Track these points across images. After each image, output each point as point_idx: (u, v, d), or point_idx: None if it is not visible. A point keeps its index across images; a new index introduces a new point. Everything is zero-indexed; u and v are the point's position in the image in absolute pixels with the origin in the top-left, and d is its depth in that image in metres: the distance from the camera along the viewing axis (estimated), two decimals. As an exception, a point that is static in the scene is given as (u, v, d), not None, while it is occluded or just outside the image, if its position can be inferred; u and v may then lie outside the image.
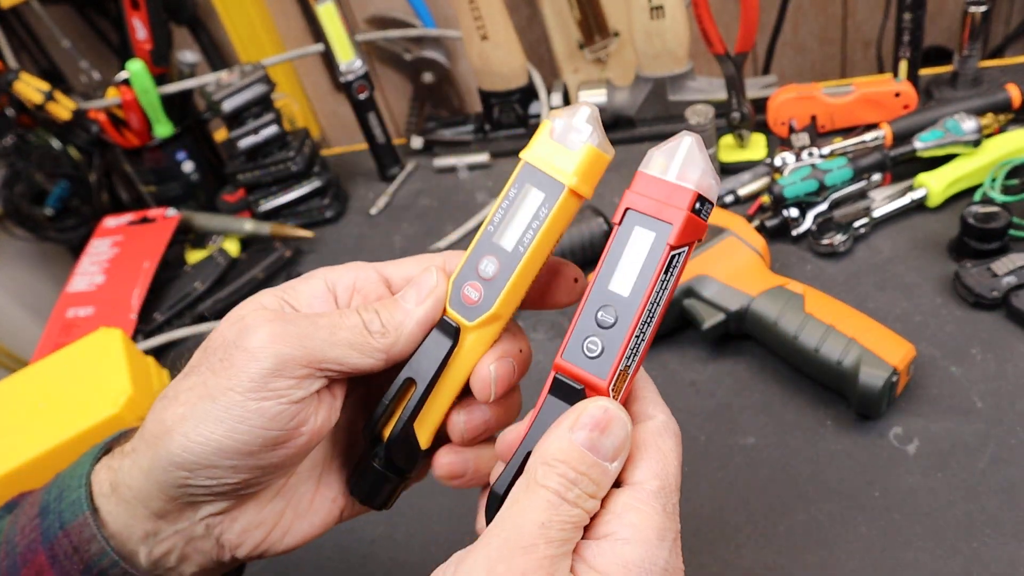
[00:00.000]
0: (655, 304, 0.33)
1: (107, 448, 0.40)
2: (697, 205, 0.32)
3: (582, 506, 0.31)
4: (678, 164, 0.33)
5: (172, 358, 0.87)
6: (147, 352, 0.84)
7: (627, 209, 0.33)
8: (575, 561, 0.31)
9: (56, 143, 1.06)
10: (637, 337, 0.33)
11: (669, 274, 0.33)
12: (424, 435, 0.39)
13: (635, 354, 0.33)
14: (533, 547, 0.29)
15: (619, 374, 0.33)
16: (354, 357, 0.36)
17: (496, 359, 0.37)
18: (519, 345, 0.38)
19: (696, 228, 0.33)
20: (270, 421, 0.34)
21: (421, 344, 0.38)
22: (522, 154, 0.36)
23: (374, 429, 0.38)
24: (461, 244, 0.92)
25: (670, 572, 0.31)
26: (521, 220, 0.36)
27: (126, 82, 1.02)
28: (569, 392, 0.34)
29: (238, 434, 0.34)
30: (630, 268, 0.33)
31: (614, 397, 0.33)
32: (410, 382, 0.38)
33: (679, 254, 0.33)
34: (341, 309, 0.37)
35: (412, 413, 0.38)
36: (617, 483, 0.33)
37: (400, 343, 0.37)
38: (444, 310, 0.38)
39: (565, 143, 0.35)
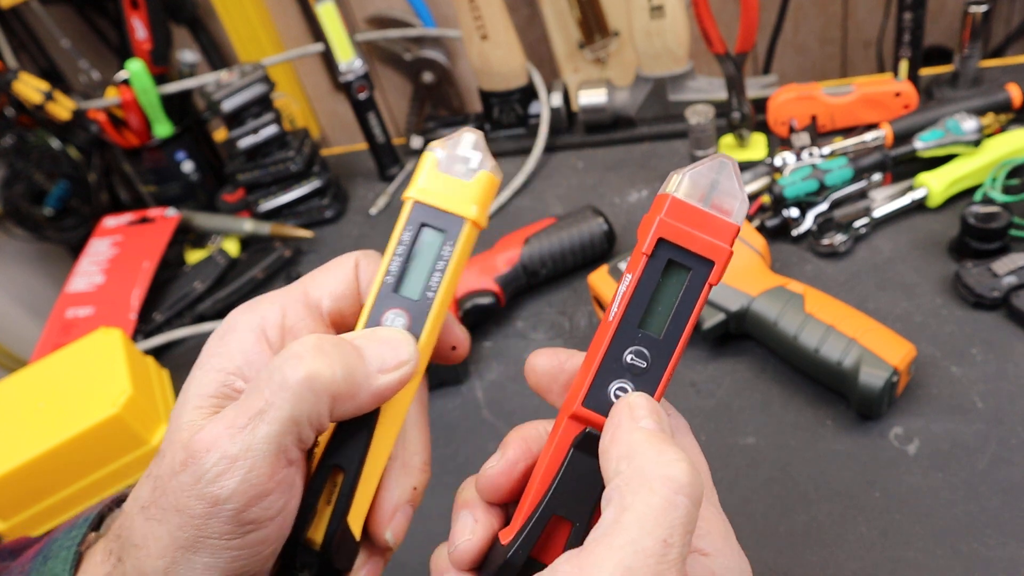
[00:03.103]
0: (683, 349, 0.31)
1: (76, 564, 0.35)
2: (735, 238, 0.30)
3: (692, 504, 0.27)
4: (717, 192, 0.30)
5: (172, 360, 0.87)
6: (147, 352, 0.84)
7: (660, 239, 0.30)
8: None
9: (56, 143, 1.06)
10: (670, 379, 0.31)
11: (700, 312, 0.31)
12: (358, 527, 0.34)
13: (664, 393, 0.31)
14: None
15: None
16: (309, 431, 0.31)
17: (390, 515, 0.35)
18: (411, 482, 0.35)
19: (730, 259, 0.30)
20: (264, 543, 0.31)
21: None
22: (408, 193, 0.33)
23: (297, 537, 0.33)
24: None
25: (745, 571, 0.31)
26: (423, 265, 0.33)
27: (126, 82, 1.02)
28: (592, 446, 0.30)
29: (236, 566, 0.31)
30: (663, 307, 0.30)
31: None
32: (336, 470, 0.33)
33: (712, 291, 0.31)
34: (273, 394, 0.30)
35: (347, 504, 0.33)
36: None
37: (351, 408, 0.32)
38: None
39: (454, 174, 0.33)
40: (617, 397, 0.31)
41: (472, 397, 0.72)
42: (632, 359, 0.31)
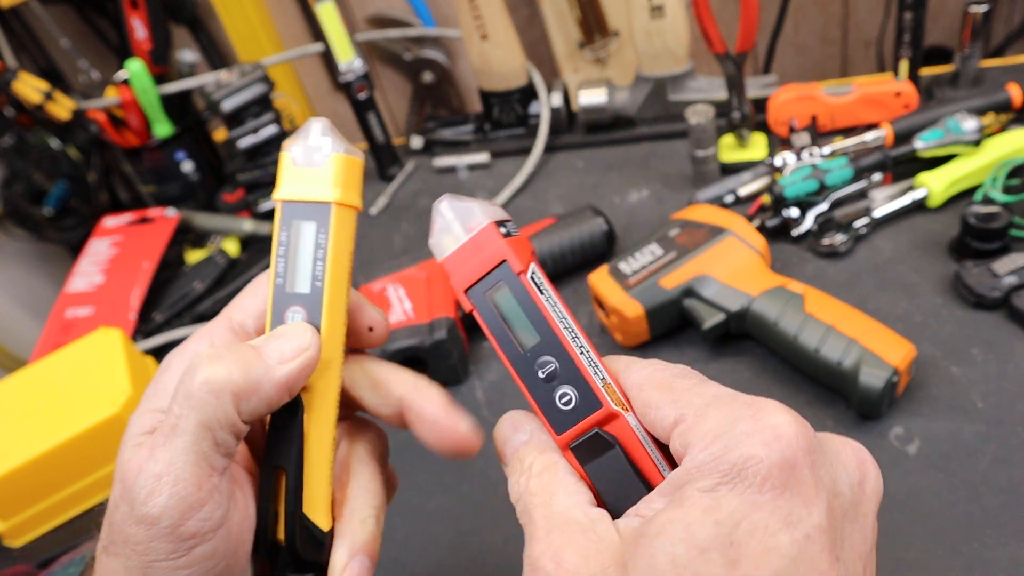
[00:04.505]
0: (566, 323, 0.32)
1: None
2: (502, 230, 0.33)
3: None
4: (458, 226, 0.33)
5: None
6: (147, 352, 0.84)
7: (466, 291, 0.33)
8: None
9: (55, 143, 1.06)
10: (584, 355, 0.32)
11: (544, 292, 0.33)
12: (321, 517, 0.35)
13: (595, 364, 0.33)
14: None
15: (606, 388, 0.32)
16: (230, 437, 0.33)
17: (344, 565, 0.35)
18: (370, 537, 0.37)
19: (520, 244, 0.33)
20: (212, 558, 0.32)
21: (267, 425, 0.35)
22: (274, 196, 0.35)
23: (268, 540, 0.35)
24: (461, 244, 0.92)
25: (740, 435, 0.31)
26: (305, 258, 0.34)
27: (125, 82, 1.02)
28: (597, 445, 0.32)
29: None
30: (521, 323, 0.33)
31: (626, 405, 0.32)
32: (279, 470, 0.35)
33: (533, 272, 0.33)
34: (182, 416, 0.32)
35: (296, 500, 0.34)
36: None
37: (259, 403, 0.33)
38: None
39: (311, 165, 0.34)
40: (566, 404, 0.32)
41: (472, 397, 0.72)
42: (543, 373, 0.33)
